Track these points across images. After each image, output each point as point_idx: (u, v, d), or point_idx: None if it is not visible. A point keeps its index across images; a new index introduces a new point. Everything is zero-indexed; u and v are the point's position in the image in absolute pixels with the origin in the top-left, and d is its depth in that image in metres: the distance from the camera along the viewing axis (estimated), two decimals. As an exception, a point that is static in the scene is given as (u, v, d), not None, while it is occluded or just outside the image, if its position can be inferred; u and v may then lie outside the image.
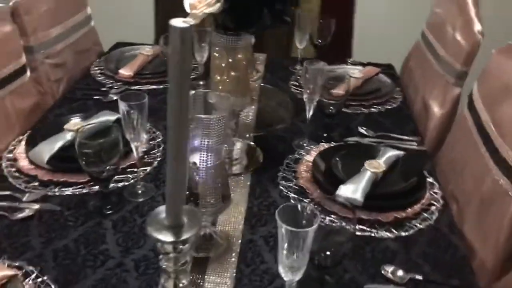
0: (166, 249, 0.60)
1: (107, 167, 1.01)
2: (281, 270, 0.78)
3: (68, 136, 1.19)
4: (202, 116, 0.80)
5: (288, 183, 1.16)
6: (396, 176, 1.16)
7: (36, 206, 1.04)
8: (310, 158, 1.24)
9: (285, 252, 0.76)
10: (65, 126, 1.22)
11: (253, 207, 1.09)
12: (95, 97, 1.50)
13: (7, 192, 1.08)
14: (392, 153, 1.21)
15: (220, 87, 1.14)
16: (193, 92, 0.87)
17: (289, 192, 1.13)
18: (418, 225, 1.05)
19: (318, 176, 1.15)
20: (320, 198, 1.09)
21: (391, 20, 2.37)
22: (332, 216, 1.00)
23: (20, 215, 1.02)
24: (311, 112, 1.29)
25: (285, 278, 0.79)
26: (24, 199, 1.06)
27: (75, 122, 1.25)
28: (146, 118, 1.05)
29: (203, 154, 0.84)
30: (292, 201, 1.10)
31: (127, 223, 1.03)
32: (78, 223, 1.02)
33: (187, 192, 0.88)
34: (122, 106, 1.02)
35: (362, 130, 1.40)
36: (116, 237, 0.99)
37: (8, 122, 1.28)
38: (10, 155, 1.20)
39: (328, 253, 0.85)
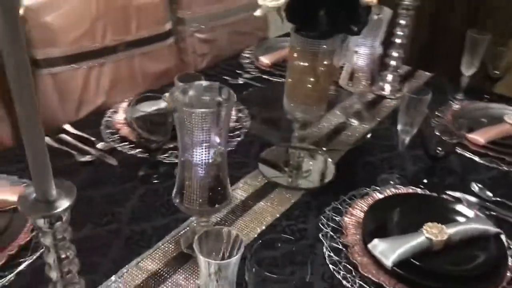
0: (37, 224, 0.59)
1: (157, 140, 1.05)
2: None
3: (162, 104, 1.26)
4: (186, 109, 0.75)
5: (336, 216, 1.01)
6: (465, 254, 0.89)
7: (98, 154, 1.15)
8: (374, 198, 1.04)
9: (203, 282, 0.67)
10: (163, 95, 1.29)
11: (277, 227, 0.98)
12: (224, 77, 1.55)
13: (90, 137, 1.21)
14: (483, 226, 0.93)
15: (295, 91, 1.05)
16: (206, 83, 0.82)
17: (326, 226, 0.98)
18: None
19: (366, 221, 0.96)
20: (352, 245, 0.92)
21: None
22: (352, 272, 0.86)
23: (82, 159, 1.14)
24: (404, 146, 1.08)
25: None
26: (97, 145, 1.18)
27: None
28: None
29: (191, 149, 0.79)
30: (321, 236, 0.96)
31: (156, 196, 1.05)
32: (117, 181, 1.09)
33: (184, 184, 0.84)
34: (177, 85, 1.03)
35: (475, 187, 1.11)
36: (137, 204, 1.02)
37: (133, 80, 1.42)
38: (116, 108, 1.33)
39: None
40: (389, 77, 1.52)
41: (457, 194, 1.09)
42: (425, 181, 1.12)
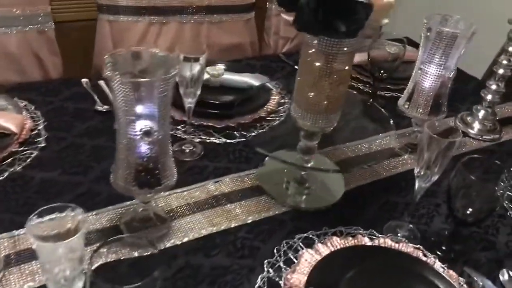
0: None
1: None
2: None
3: (195, 69, 1.15)
4: (108, 72, 0.67)
5: (303, 248, 0.84)
6: None
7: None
8: (358, 242, 0.85)
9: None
10: (208, 68, 1.22)
11: (229, 236, 0.86)
12: (296, 67, 1.42)
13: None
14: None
15: (302, 94, 0.89)
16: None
17: (282, 254, 0.83)
18: None
19: (321, 264, 0.79)
20: (291, 286, 0.76)
21: None
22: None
23: (99, 108, 1.14)
24: (417, 196, 0.86)
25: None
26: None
27: (219, 67, 1.24)
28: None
29: (118, 119, 0.72)
30: (265, 263, 0.81)
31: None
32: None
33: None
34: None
35: (505, 274, 0.84)
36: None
37: (198, 44, 1.37)
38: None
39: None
40: (481, 113, 1.23)
41: (477, 276, 0.84)
42: (443, 247, 0.88)
